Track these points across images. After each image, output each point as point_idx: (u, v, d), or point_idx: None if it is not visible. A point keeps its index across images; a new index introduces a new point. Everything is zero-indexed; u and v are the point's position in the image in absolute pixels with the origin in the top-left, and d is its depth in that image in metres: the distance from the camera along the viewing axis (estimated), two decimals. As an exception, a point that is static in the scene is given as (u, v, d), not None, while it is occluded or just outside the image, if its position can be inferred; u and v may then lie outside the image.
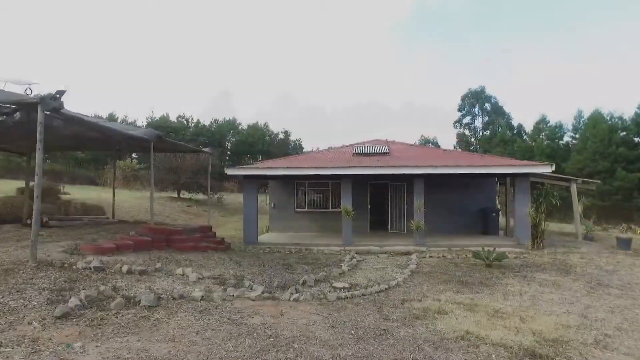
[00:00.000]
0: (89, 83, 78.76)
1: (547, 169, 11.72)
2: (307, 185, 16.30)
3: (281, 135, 58.88)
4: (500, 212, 15.51)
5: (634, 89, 66.82)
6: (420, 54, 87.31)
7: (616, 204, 32.23)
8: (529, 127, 52.65)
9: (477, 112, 59.61)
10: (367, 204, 15.49)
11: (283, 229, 15.94)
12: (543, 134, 45.80)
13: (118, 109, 68.22)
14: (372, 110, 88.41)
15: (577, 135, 43.30)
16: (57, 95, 5.85)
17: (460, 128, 60.42)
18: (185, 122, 53.73)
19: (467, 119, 60.12)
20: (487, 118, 58.77)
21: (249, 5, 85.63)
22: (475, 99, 58.87)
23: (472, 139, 58.88)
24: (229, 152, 53.41)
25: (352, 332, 4.35)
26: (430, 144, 55.91)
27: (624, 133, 35.63)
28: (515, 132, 54.08)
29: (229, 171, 12.61)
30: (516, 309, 5.63)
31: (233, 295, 5.30)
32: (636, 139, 36.16)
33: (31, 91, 6.25)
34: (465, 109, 59.61)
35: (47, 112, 5.94)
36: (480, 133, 58.93)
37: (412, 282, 7.34)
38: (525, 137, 51.75)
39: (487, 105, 58.82)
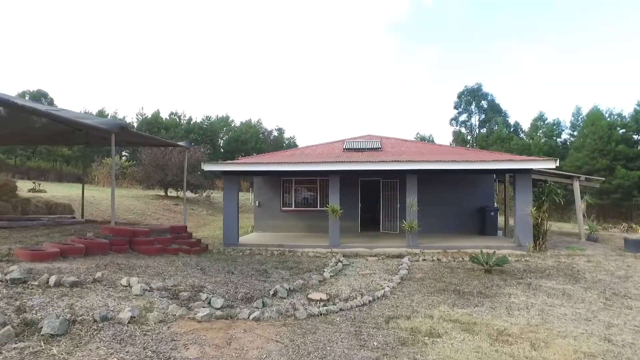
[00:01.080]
0: (80, 79, 77.24)
1: (550, 165, 10.82)
2: (294, 182, 15.30)
3: (275, 133, 57.79)
4: (498, 211, 14.59)
5: (633, 86, 66.09)
6: (416, 51, 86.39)
7: (615, 203, 31.50)
8: (526, 124, 52.01)
9: (473, 110, 58.70)
10: (357, 203, 14.52)
11: (268, 229, 14.97)
12: (540, 131, 44.99)
13: (108, 105, 66.87)
14: (369, 109, 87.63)
15: (575, 133, 42.50)
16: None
17: (457, 126, 59.54)
18: (177, 119, 52.64)
19: (463, 117, 59.20)
20: (483, 116, 57.88)
21: (244, 3, 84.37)
22: (471, 97, 57.93)
23: (469, 137, 57.99)
24: (221, 150, 52.21)
25: (316, 368, 3.35)
26: (426, 142, 54.98)
27: (624, 130, 34.87)
28: (512, 129, 53.30)
29: (206, 167, 11.60)
30: (524, 328, 4.66)
31: (175, 315, 4.26)
32: (636, 136, 35.47)
33: None
34: (462, 106, 58.69)
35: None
36: (477, 131, 58.03)
37: (401, 292, 6.37)
38: (522, 134, 51.05)
39: (484, 103, 57.94)
